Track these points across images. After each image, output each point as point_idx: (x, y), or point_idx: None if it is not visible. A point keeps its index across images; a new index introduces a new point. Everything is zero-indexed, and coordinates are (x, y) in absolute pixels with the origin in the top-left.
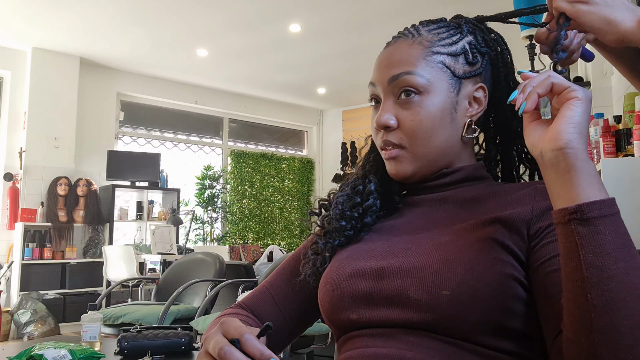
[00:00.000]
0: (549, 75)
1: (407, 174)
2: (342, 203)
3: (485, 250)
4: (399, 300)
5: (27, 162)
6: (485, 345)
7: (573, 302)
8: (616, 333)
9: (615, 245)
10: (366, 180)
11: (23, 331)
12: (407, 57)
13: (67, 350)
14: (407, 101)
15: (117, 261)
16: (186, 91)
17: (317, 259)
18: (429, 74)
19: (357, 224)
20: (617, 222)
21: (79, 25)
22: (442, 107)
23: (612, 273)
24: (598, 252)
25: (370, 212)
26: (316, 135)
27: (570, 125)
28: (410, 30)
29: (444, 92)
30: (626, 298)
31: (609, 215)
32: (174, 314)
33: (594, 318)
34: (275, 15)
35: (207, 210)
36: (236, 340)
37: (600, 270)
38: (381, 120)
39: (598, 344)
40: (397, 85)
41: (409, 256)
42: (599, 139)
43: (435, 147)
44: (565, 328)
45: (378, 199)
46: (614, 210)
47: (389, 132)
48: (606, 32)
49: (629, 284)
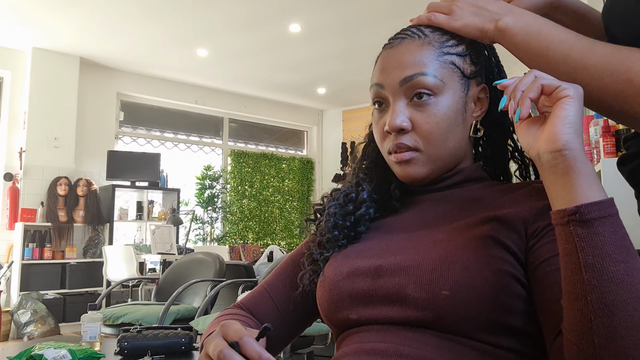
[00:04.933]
0: (536, 77)
1: (421, 176)
2: (334, 214)
3: (483, 248)
4: (397, 298)
5: (27, 162)
6: (484, 342)
7: (573, 304)
8: (616, 335)
9: (614, 247)
10: (359, 189)
11: (23, 331)
12: (420, 58)
13: (67, 350)
14: (421, 103)
15: (117, 261)
16: (186, 91)
17: (314, 270)
18: (442, 75)
19: (350, 232)
20: (616, 222)
21: (79, 25)
22: (455, 107)
23: (611, 275)
24: (597, 254)
25: (363, 220)
26: (316, 135)
27: (566, 125)
28: (414, 32)
29: (457, 93)
30: (626, 299)
31: (608, 217)
32: (174, 314)
33: (593, 320)
34: (275, 15)
35: (207, 210)
36: (235, 343)
37: (600, 273)
38: (395, 123)
39: (598, 347)
40: (410, 87)
41: (407, 254)
42: (599, 139)
43: (449, 149)
44: (565, 329)
45: (372, 207)
46: (612, 210)
47: (402, 134)
48: (483, 39)
49: (629, 285)
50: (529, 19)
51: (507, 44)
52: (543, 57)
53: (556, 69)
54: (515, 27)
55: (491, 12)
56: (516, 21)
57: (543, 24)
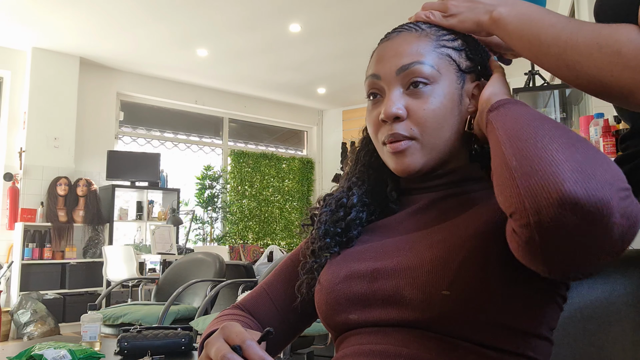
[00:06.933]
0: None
1: (417, 167)
2: (326, 221)
3: (479, 249)
4: (394, 301)
5: (27, 162)
6: (482, 343)
7: (500, 177)
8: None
9: (522, 116)
10: (350, 193)
11: (23, 331)
12: (417, 48)
13: (67, 350)
14: (417, 91)
15: (117, 261)
16: (186, 91)
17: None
18: (438, 65)
19: (341, 238)
20: (522, 104)
21: (79, 25)
22: (451, 97)
23: (522, 135)
24: (508, 127)
25: (354, 225)
26: (316, 135)
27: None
28: (411, 26)
29: (453, 84)
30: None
31: (513, 102)
32: (173, 314)
33: (517, 179)
34: (275, 15)
35: (207, 210)
36: (238, 347)
37: (511, 134)
38: (390, 111)
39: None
40: (407, 76)
41: (403, 256)
42: (599, 138)
43: (444, 139)
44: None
45: (362, 211)
46: (517, 101)
47: (397, 123)
48: (479, 32)
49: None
50: (522, 7)
51: (501, 32)
52: (534, 41)
53: (547, 52)
54: (509, 16)
55: (485, 5)
56: (510, 10)
57: (535, 11)
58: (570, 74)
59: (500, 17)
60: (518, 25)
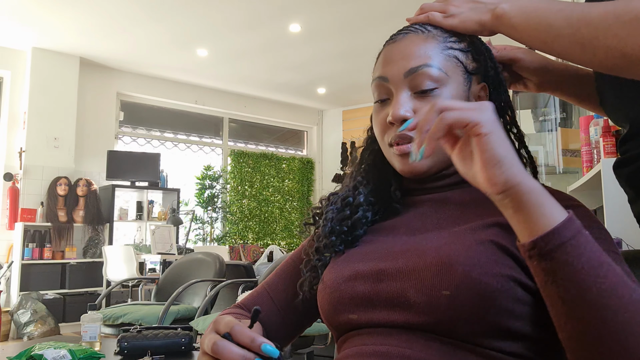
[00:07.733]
0: (440, 118)
1: (423, 168)
2: (332, 219)
3: (485, 252)
4: (398, 303)
5: (27, 162)
6: (486, 346)
7: (561, 333)
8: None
9: (582, 273)
10: (356, 192)
11: (23, 331)
12: (425, 51)
13: (67, 350)
14: (425, 94)
15: (117, 261)
16: (186, 91)
17: (313, 277)
18: (446, 68)
19: (347, 237)
20: (578, 243)
21: (79, 25)
22: (458, 99)
23: (587, 305)
24: (568, 286)
25: (360, 224)
26: (316, 135)
27: (496, 167)
28: (417, 27)
29: (460, 87)
30: (604, 320)
31: (567, 241)
32: (173, 314)
33: (578, 349)
34: (275, 15)
35: (207, 210)
36: (227, 334)
37: (574, 304)
38: (398, 113)
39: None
40: (415, 78)
41: (408, 258)
42: (599, 139)
43: None
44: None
45: (369, 210)
46: (571, 232)
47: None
48: (482, 31)
49: (605, 308)
50: (523, 1)
51: (505, 28)
52: (544, 27)
53: (559, 34)
54: (512, 10)
55: (486, 3)
56: (512, 5)
57: (538, 1)
58: (585, 54)
59: (504, 13)
60: (523, 17)
